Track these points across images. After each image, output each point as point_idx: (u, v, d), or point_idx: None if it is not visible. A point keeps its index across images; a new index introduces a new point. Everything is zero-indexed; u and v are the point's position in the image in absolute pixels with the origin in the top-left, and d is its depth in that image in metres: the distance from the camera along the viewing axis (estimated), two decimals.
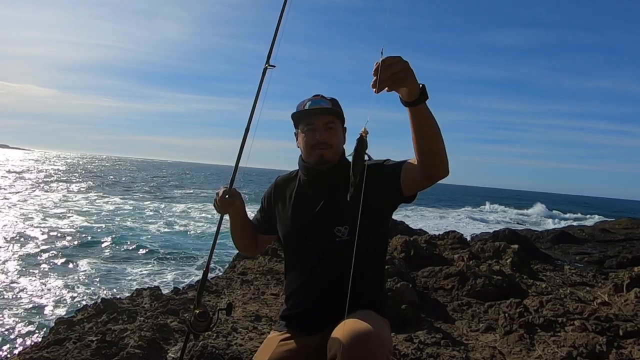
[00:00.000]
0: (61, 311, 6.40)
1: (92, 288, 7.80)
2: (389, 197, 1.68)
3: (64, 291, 7.50)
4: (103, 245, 11.77)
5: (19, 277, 8.11)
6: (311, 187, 1.78)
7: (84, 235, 12.81)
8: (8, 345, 5.12)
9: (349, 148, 1.63)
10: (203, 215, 20.80)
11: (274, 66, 1.88)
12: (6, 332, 5.56)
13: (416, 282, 4.81)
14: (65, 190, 27.63)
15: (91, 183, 36.48)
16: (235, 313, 3.84)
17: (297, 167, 1.90)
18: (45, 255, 9.95)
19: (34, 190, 26.03)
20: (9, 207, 17.74)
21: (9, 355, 4.43)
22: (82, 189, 29.51)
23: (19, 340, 5.28)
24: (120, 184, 38.35)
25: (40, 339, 3.45)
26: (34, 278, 8.15)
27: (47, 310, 6.48)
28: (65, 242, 11.64)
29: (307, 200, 1.76)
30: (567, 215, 38.22)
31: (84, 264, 9.46)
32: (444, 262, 6.02)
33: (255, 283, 4.93)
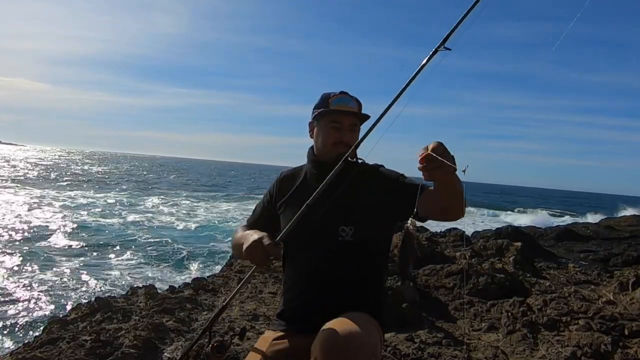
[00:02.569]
0: (54, 310, 6.34)
1: (85, 286, 7.75)
2: (400, 215, 1.65)
3: (57, 290, 7.45)
4: (94, 243, 11.70)
5: (9, 276, 8.05)
6: (318, 183, 1.73)
7: (72, 232, 12.75)
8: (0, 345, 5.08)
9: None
10: (185, 211, 20.78)
11: (450, 49, 1.54)
12: None
13: (417, 281, 4.74)
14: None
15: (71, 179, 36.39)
16: (233, 312, 3.79)
17: (298, 165, 1.89)
18: (36, 253, 9.89)
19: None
20: None
21: (1, 355, 4.39)
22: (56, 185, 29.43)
23: (12, 340, 5.23)
24: (100, 180, 38.26)
25: (33, 339, 3.40)
26: (25, 277, 8.09)
27: (39, 309, 6.42)
28: (52, 239, 11.57)
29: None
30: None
31: (76, 262, 9.39)
32: (445, 260, 5.94)
33: (252, 281, 4.87)
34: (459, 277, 4.80)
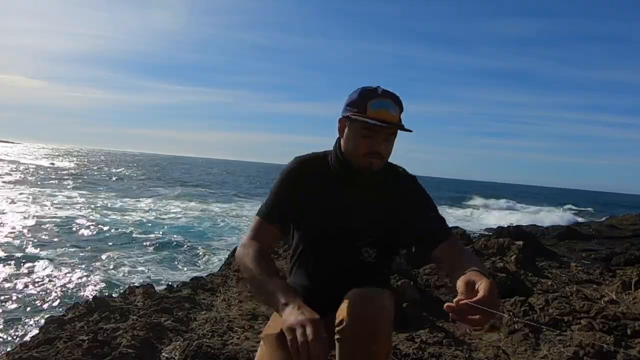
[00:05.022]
0: (51, 310, 6.30)
1: (82, 286, 7.71)
2: (412, 244, 1.81)
3: (54, 289, 7.41)
4: (89, 241, 11.63)
5: (5, 275, 8.01)
6: (346, 187, 1.66)
7: (66, 228, 12.70)
8: None
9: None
10: (182, 209, 20.72)
11: None
12: None
13: (418, 280, 4.71)
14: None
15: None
16: (231, 312, 3.76)
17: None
18: (30, 251, 9.83)
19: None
20: None
21: None
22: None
23: (7, 340, 5.20)
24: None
25: (29, 339, 3.38)
26: (22, 275, 8.04)
27: (36, 309, 6.39)
28: (47, 237, 11.51)
29: (340, 204, 1.64)
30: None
31: (73, 261, 9.32)
32: None
33: None
34: None
